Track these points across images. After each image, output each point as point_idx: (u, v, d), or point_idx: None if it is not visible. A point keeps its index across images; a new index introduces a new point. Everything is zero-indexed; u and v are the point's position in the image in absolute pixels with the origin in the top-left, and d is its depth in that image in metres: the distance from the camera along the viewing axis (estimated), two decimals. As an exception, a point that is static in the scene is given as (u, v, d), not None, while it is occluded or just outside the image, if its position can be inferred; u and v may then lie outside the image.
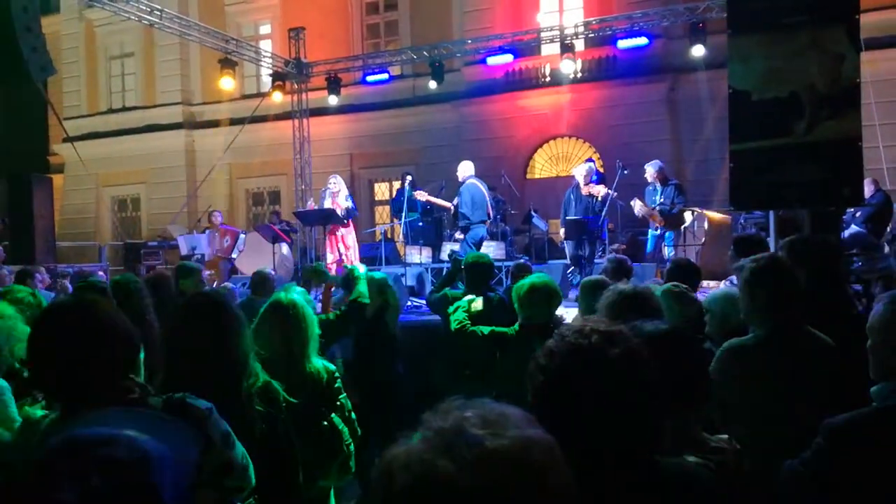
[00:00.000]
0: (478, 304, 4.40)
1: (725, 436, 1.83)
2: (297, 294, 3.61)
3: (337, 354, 4.68)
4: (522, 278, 5.46)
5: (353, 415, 2.98)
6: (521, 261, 7.58)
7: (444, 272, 6.34)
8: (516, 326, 3.73)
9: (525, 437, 0.82)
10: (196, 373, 1.99)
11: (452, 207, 9.98)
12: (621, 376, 1.24)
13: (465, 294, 4.53)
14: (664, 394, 1.29)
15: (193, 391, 1.73)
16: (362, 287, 4.19)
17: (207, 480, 1.64)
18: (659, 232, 9.12)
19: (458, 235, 9.42)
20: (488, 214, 9.70)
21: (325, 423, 2.72)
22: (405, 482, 0.79)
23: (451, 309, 4.26)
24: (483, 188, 9.60)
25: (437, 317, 5.42)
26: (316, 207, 10.48)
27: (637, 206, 9.00)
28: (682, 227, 9.52)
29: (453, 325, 3.96)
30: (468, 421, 0.83)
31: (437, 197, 10.67)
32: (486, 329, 3.84)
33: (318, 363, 2.84)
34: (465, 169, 9.55)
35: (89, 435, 0.93)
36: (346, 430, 2.82)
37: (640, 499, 1.23)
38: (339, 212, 9.84)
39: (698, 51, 11.14)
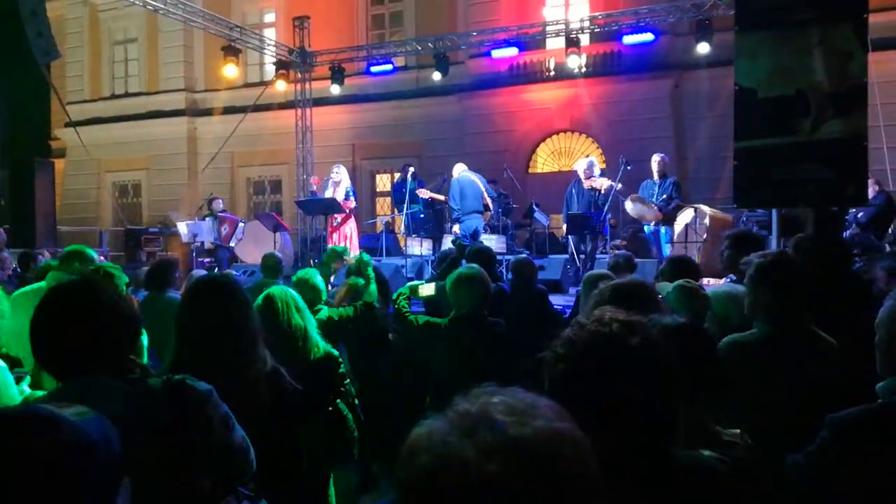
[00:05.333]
0: (427, 289, 4.36)
1: (737, 430, 1.84)
2: (314, 275, 3.61)
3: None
4: (524, 273, 5.46)
5: (356, 401, 3.00)
6: (524, 255, 7.49)
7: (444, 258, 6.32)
8: (449, 317, 3.70)
9: (551, 428, 0.80)
10: (205, 355, 1.98)
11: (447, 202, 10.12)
12: (641, 365, 1.23)
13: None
14: (681, 384, 1.29)
15: (201, 373, 1.73)
16: (373, 288, 4.12)
17: (206, 464, 1.63)
18: (653, 228, 9.11)
19: (455, 229, 9.54)
20: (486, 206, 9.73)
21: (331, 408, 2.73)
22: (425, 462, 0.78)
23: (394, 296, 4.24)
24: (476, 180, 9.68)
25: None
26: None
27: (629, 206, 8.98)
28: (684, 224, 9.50)
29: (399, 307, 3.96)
30: (494, 407, 0.82)
31: (437, 191, 10.75)
32: (421, 318, 3.85)
33: (324, 348, 2.84)
34: (457, 169, 9.96)
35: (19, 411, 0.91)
36: (350, 416, 2.84)
37: (654, 490, 1.22)
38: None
39: (704, 47, 11.12)
